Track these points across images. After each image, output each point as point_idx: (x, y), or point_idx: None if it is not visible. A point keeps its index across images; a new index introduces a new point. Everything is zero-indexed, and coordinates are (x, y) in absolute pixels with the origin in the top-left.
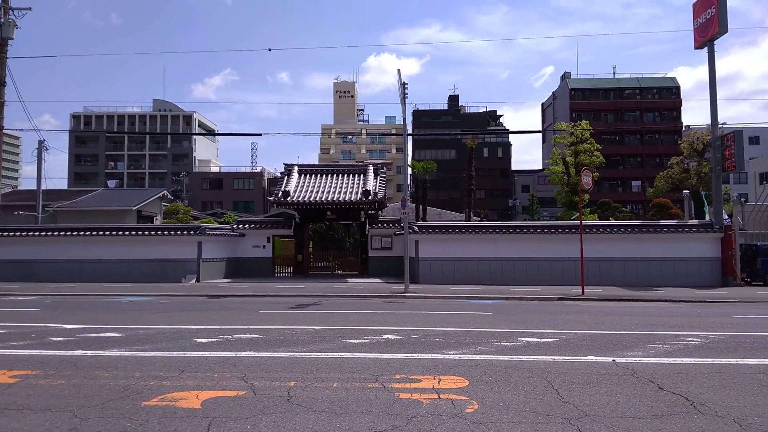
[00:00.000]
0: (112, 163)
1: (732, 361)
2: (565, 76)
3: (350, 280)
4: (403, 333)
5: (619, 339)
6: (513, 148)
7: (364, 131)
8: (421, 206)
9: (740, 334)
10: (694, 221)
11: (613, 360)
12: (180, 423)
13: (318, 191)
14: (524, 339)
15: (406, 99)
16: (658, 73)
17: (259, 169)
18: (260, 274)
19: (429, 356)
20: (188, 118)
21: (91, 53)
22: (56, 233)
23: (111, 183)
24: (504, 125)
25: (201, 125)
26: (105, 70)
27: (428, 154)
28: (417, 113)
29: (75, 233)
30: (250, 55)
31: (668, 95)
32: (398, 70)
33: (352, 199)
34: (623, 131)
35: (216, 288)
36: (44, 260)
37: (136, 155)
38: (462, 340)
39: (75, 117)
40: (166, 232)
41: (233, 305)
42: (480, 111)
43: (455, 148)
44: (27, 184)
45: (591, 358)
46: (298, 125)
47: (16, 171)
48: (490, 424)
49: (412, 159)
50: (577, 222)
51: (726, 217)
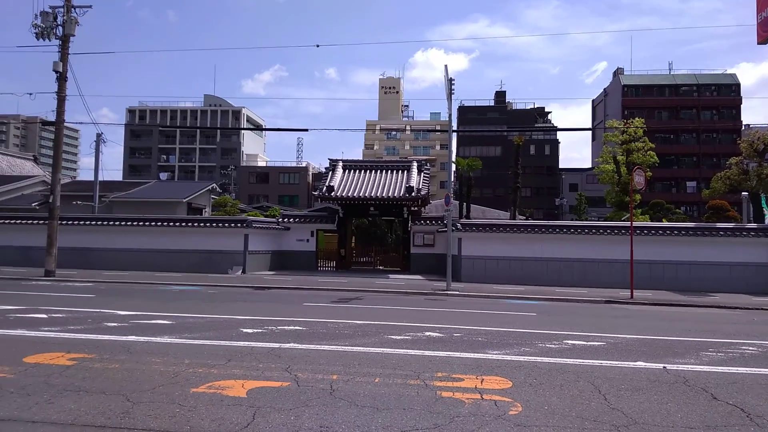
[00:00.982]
0: (165, 156)
1: None
2: (618, 72)
3: (392, 276)
4: (445, 331)
5: (670, 345)
6: (561, 146)
7: (409, 127)
8: (465, 204)
9: None
10: (753, 225)
11: (664, 366)
12: (226, 411)
13: (362, 187)
14: (570, 341)
15: (453, 95)
16: (717, 70)
17: (305, 164)
18: (303, 268)
19: (471, 355)
20: (237, 113)
21: (147, 50)
22: (111, 223)
23: (163, 175)
24: (552, 122)
25: (249, 120)
26: (160, 66)
27: (473, 151)
28: (462, 109)
29: (129, 223)
30: (299, 51)
31: (727, 92)
32: (445, 66)
33: (395, 195)
34: (678, 129)
35: (261, 280)
36: (100, 248)
37: (187, 149)
38: (505, 341)
39: (130, 111)
40: (215, 224)
41: (277, 297)
42: (527, 107)
43: (501, 145)
44: (85, 175)
45: (640, 364)
46: (343, 121)
47: (75, 162)
48: (535, 428)
49: (457, 156)
50: (628, 223)
51: None
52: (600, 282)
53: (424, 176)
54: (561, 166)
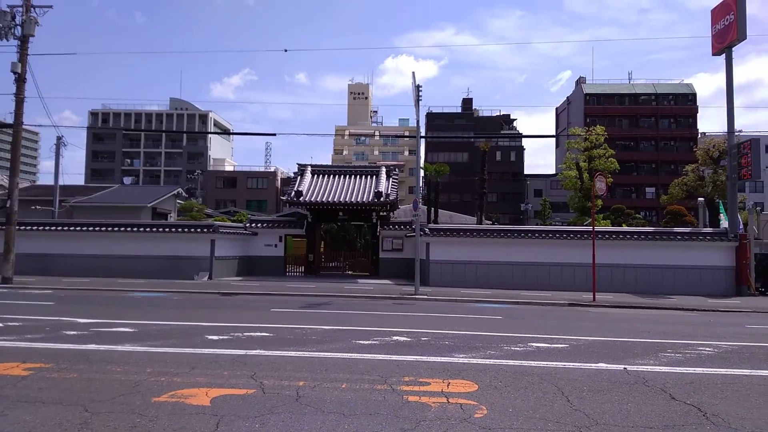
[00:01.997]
0: (129, 161)
1: (746, 372)
2: (580, 81)
3: (361, 281)
4: (413, 335)
5: (631, 347)
6: (526, 153)
7: (377, 133)
8: (433, 209)
9: (754, 345)
10: (709, 229)
11: (625, 368)
12: (189, 420)
13: (330, 192)
14: (534, 344)
15: (420, 101)
16: (674, 80)
17: (273, 169)
18: (272, 273)
19: (438, 359)
20: (204, 117)
21: (111, 51)
22: (72, 228)
23: (127, 180)
24: (517, 129)
25: (216, 124)
26: (125, 69)
27: (441, 157)
28: (430, 116)
29: (90, 229)
30: (269, 56)
31: (684, 102)
32: (413, 73)
33: (364, 200)
34: (638, 137)
35: (228, 286)
36: (60, 254)
37: (152, 153)
38: (472, 344)
39: (93, 114)
40: (180, 230)
41: (245, 303)
42: (493, 115)
43: (468, 151)
44: (45, 179)
45: (602, 366)
46: (312, 126)
47: (35, 166)
48: (499, 430)
49: (425, 161)
50: (590, 228)
51: (741, 226)
52: (564, 285)
53: (393, 181)
54: (526, 172)
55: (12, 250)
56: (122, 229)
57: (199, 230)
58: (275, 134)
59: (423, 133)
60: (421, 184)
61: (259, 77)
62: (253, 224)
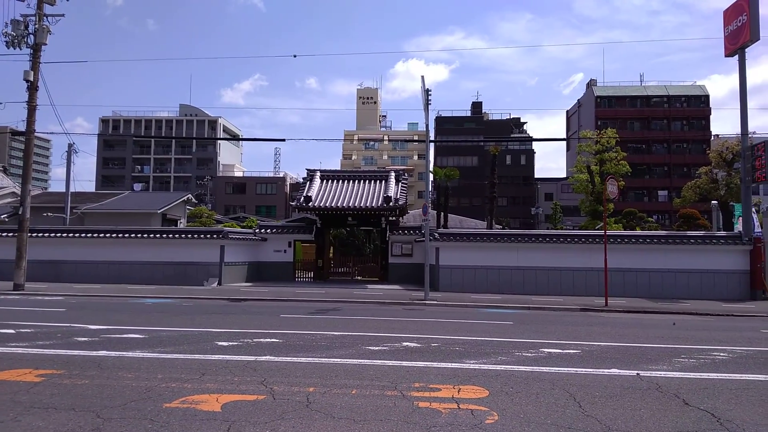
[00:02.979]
0: (139, 167)
1: (761, 377)
2: (591, 84)
3: (370, 287)
4: (423, 341)
5: (644, 352)
6: (536, 156)
7: (386, 137)
8: (442, 213)
9: None
10: (723, 233)
11: (637, 373)
12: (200, 426)
13: (339, 197)
14: (546, 350)
15: (430, 105)
16: (687, 82)
17: (282, 175)
18: (281, 279)
19: (449, 365)
20: (213, 123)
21: (122, 59)
22: (83, 235)
23: (137, 186)
24: (528, 133)
25: (226, 130)
26: (137, 76)
27: (450, 161)
28: (440, 120)
29: (101, 235)
30: (279, 61)
31: (697, 104)
32: (422, 77)
33: (373, 205)
34: (650, 140)
35: (237, 292)
36: (71, 261)
37: (162, 159)
38: (482, 350)
39: (104, 121)
40: (190, 236)
41: (254, 309)
42: (503, 118)
43: (478, 155)
44: (56, 187)
45: (614, 371)
46: (321, 131)
47: (46, 173)
48: None
49: (434, 166)
50: (602, 232)
51: (756, 230)
52: (575, 290)
53: (402, 186)
54: (537, 176)
55: (24, 257)
56: (132, 236)
57: (209, 236)
58: (284, 140)
59: (432, 137)
60: (431, 189)
61: (270, 83)
62: (263, 230)
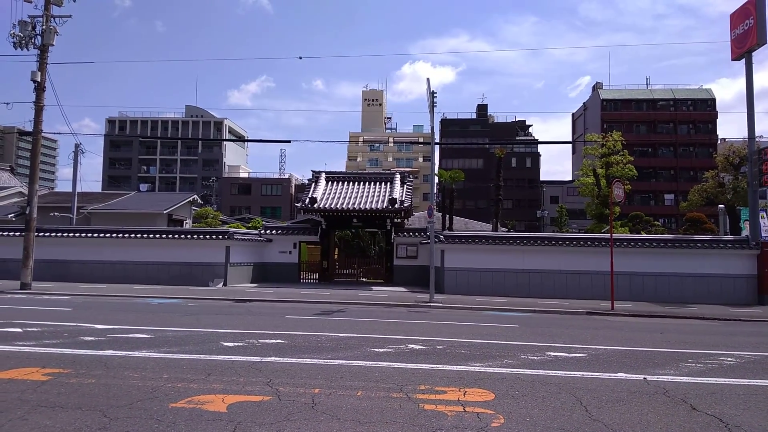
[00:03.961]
0: (145, 167)
1: None
2: (597, 87)
3: (375, 288)
4: (428, 343)
5: (650, 356)
6: (542, 159)
7: (392, 139)
8: (448, 216)
9: None
10: (730, 237)
11: (644, 378)
12: (206, 426)
13: (344, 198)
14: (552, 353)
15: (435, 108)
16: (693, 85)
17: (287, 176)
18: (286, 280)
19: (454, 368)
20: (219, 125)
21: (129, 60)
22: (90, 235)
23: (143, 187)
24: (533, 135)
25: (231, 131)
26: (143, 76)
27: (455, 164)
28: (445, 122)
29: (107, 235)
30: (285, 63)
31: (703, 107)
32: (427, 79)
33: (378, 207)
34: (656, 143)
35: (242, 292)
36: (77, 261)
37: (168, 160)
38: (488, 353)
39: (110, 122)
40: (196, 236)
41: (259, 310)
42: (509, 121)
43: (483, 158)
44: (63, 187)
45: (621, 375)
46: (326, 133)
47: (53, 173)
48: None
49: (439, 168)
50: (608, 235)
51: (764, 234)
52: (581, 293)
53: (407, 188)
54: (542, 179)
55: (31, 257)
56: (138, 236)
57: (215, 237)
58: (290, 141)
59: (437, 140)
60: (436, 191)
61: (277, 84)
62: (268, 231)
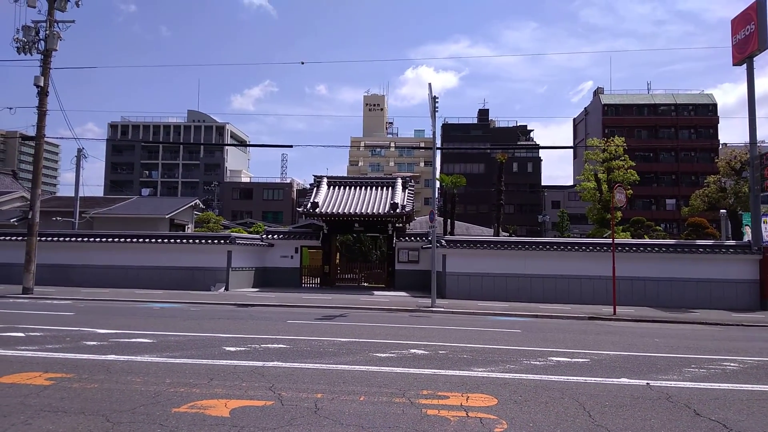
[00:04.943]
0: (147, 172)
1: None
2: (598, 92)
3: (376, 293)
4: (430, 348)
5: (653, 361)
6: (543, 164)
7: (393, 144)
8: (449, 220)
9: None
10: (732, 242)
11: (647, 383)
12: (209, 431)
13: (346, 203)
14: (554, 358)
15: (437, 113)
16: (694, 90)
17: (289, 181)
18: (288, 284)
19: (457, 373)
20: (221, 129)
21: (132, 65)
22: (92, 239)
23: (145, 191)
24: (534, 140)
25: (233, 136)
26: (146, 81)
27: (457, 168)
28: (446, 127)
29: (110, 240)
30: (288, 68)
31: (704, 112)
32: (429, 84)
33: (380, 212)
34: (658, 148)
35: (244, 297)
36: (80, 265)
37: (170, 164)
38: (490, 358)
39: (112, 126)
40: (197, 241)
41: (261, 315)
42: (510, 126)
43: (484, 163)
44: (65, 191)
45: (624, 380)
46: (328, 138)
47: (55, 178)
48: None
49: (441, 173)
50: (609, 240)
51: (766, 239)
52: (583, 299)
53: (409, 193)
54: (543, 184)
55: (33, 261)
56: (140, 241)
57: (216, 241)
58: (291, 146)
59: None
60: (437, 196)
61: (280, 89)
62: (269, 235)
